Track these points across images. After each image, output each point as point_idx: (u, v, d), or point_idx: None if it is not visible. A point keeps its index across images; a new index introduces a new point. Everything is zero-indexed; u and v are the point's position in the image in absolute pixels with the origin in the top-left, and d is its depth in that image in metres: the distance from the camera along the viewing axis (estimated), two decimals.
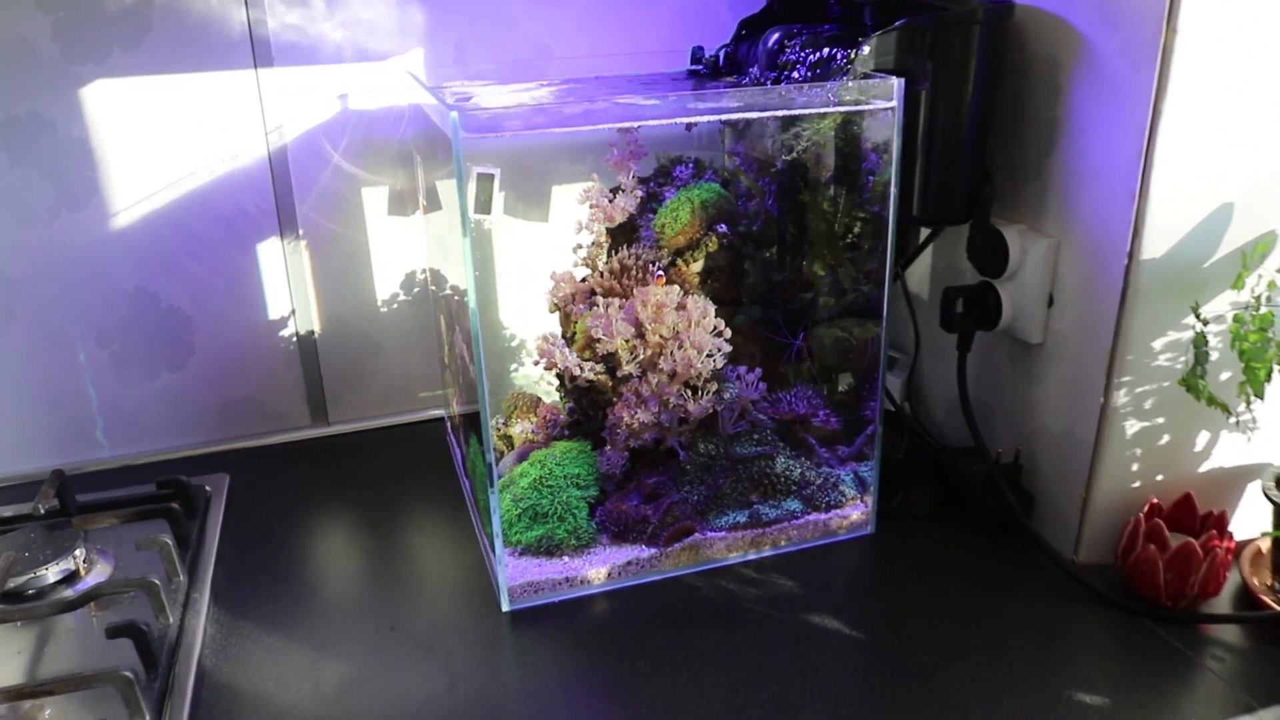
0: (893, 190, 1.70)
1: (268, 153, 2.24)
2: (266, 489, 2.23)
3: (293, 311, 2.45)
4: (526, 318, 2.38)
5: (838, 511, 1.98)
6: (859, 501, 2.00)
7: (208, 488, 2.15)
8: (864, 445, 2.01)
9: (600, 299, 1.92)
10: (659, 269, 1.96)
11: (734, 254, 2.06)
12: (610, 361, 1.93)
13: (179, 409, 2.44)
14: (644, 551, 1.85)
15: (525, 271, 2.27)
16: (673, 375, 1.86)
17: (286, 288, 2.42)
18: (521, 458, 2.06)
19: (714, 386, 1.90)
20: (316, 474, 2.32)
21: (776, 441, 1.95)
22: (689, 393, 1.88)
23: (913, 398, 2.41)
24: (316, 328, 2.49)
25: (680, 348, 1.84)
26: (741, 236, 2.06)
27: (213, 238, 2.31)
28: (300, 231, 2.39)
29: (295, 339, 2.50)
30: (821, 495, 1.98)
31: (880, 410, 1.92)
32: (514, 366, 2.45)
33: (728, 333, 1.88)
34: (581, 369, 1.96)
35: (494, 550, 1.71)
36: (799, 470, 1.97)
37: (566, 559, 1.84)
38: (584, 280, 2.06)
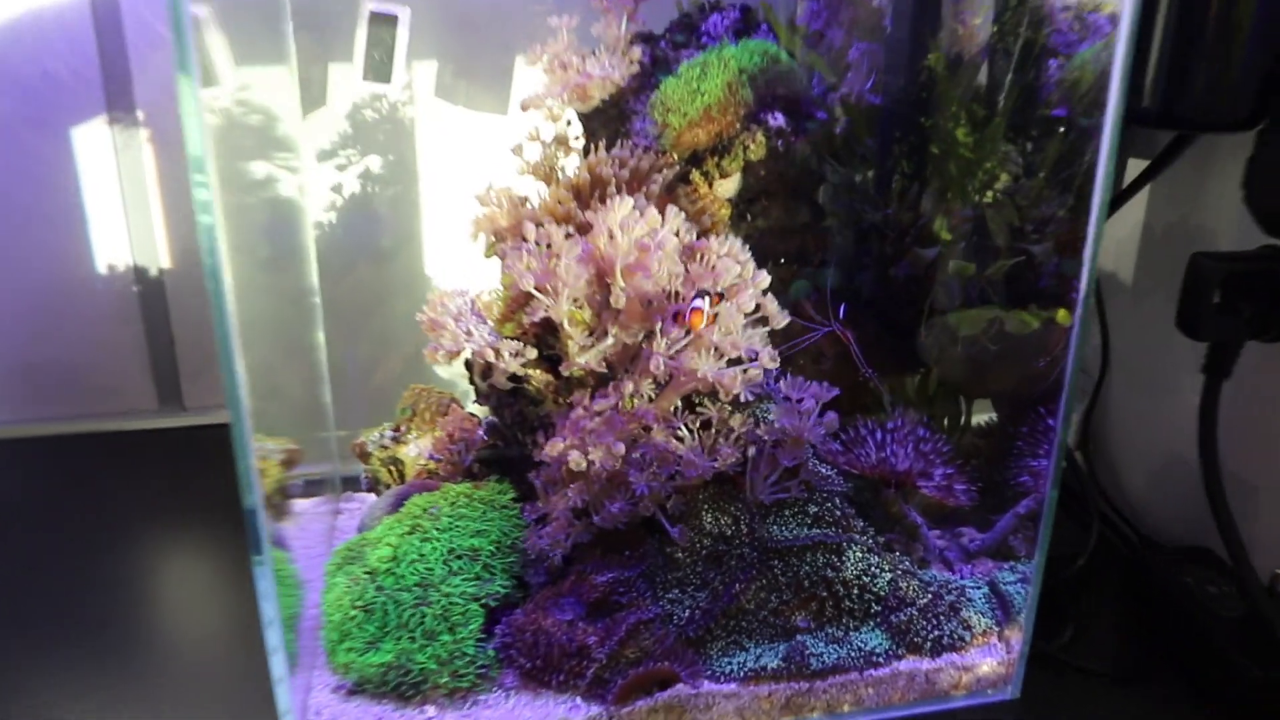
0: (1117, 63, 1.11)
1: None
2: (76, 496, 1.95)
3: (129, 238, 2.08)
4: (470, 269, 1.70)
5: (955, 657, 1.39)
6: (994, 640, 1.42)
7: None
8: (1012, 534, 1.50)
9: (534, 229, 1.33)
10: (655, 185, 1.39)
11: (796, 171, 1.49)
12: (551, 344, 1.38)
13: None
14: (579, 709, 1.28)
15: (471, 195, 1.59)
16: (664, 384, 1.33)
17: (120, 201, 2.06)
18: (400, 502, 1.50)
19: (736, 417, 1.35)
20: (159, 481, 2.00)
21: (849, 519, 1.40)
22: (693, 422, 1.34)
23: (1092, 451, 1.85)
24: (165, 264, 2.11)
25: (682, 334, 1.28)
26: (812, 140, 1.49)
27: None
28: (139, 115, 2.01)
29: (135, 282, 2.11)
30: (928, 624, 1.39)
31: (1056, 471, 1.30)
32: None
33: (777, 315, 1.33)
34: (500, 354, 1.36)
35: (282, 675, 1.17)
36: (887, 575, 1.38)
37: (433, 712, 1.28)
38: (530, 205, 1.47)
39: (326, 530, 1.73)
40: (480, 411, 1.61)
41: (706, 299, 1.25)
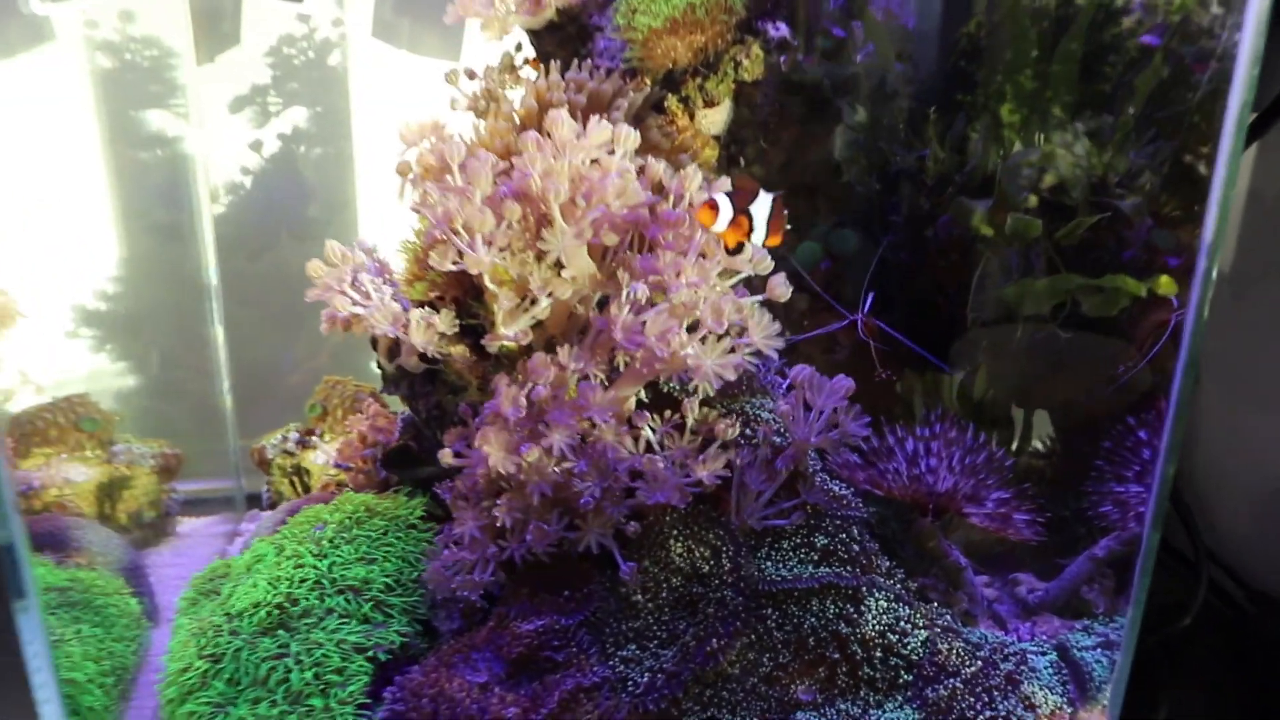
0: None
1: None
2: None
3: None
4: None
5: None
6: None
7: None
8: (1086, 583, 1.26)
9: (455, 152, 1.06)
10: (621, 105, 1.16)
11: (804, 100, 1.22)
12: (475, 311, 1.10)
13: None
14: None
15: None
16: (624, 367, 1.07)
17: None
18: (285, 518, 1.24)
19: (718, 417, 1.12)
20: None
21: (871, 557, 1.16)
22: (660, 421, 1.10)
23: (1189, 486, 1.51)
24: None
25: (644, 297, 1.02)
26: (826, 59, 1.23)
27: None
28: None
29: None
30: (976, 701, 1.11)
31: (1158, 504, 1.00)
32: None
33: (779, 286, 1.07)
34: (405, 324, 1.09)
35: None
36: (921, 633, 1.13)
37: None
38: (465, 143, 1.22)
39: (215, 556, 1.43)
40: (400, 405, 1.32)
41: (728, 200, 0.99)
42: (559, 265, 1.04)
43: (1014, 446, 1.37)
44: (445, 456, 1.05)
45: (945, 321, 1.25)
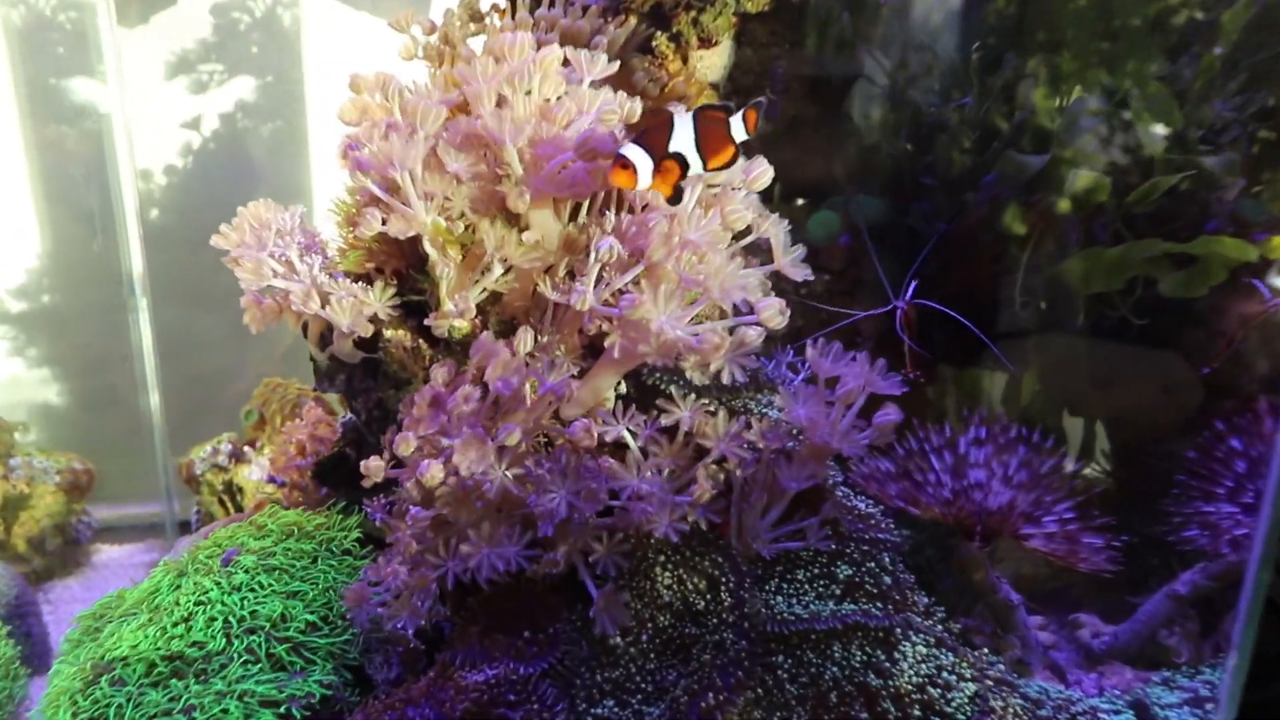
0: None
1: None
2: None
3: None
4: None
5: None
6: None
7: None
8: (1165, 625, 1.09)
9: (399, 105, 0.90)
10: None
11: (822, 40, 1.05)
12: (420, 286, 0.94)
13: None
14: None
15: None
16: (591, 344, 0.91)
17: None
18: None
19: (716, 419, 0.90)
20: None
21: (906, 591, 0.99)
22: (645, 422, 0.90)
23: None
24: None
25: (614, 257, 0.84)
26: None
27: None
28: None
29: None
30: None
31: (1272, 530, 0.78)
32: None
33: (791, 264, 0.88)
34: (332, 302, 0.91)
35: None
36: (969, 686, 0.95)
37: None
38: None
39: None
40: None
41: (640, 150, 0.80)
42: (517, 226, 0.86)
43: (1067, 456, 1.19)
44: (370, 469, 0.86)
45: (989, 305, 1.08)
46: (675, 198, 0.84)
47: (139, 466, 1.50)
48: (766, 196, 0.97)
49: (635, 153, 0.80)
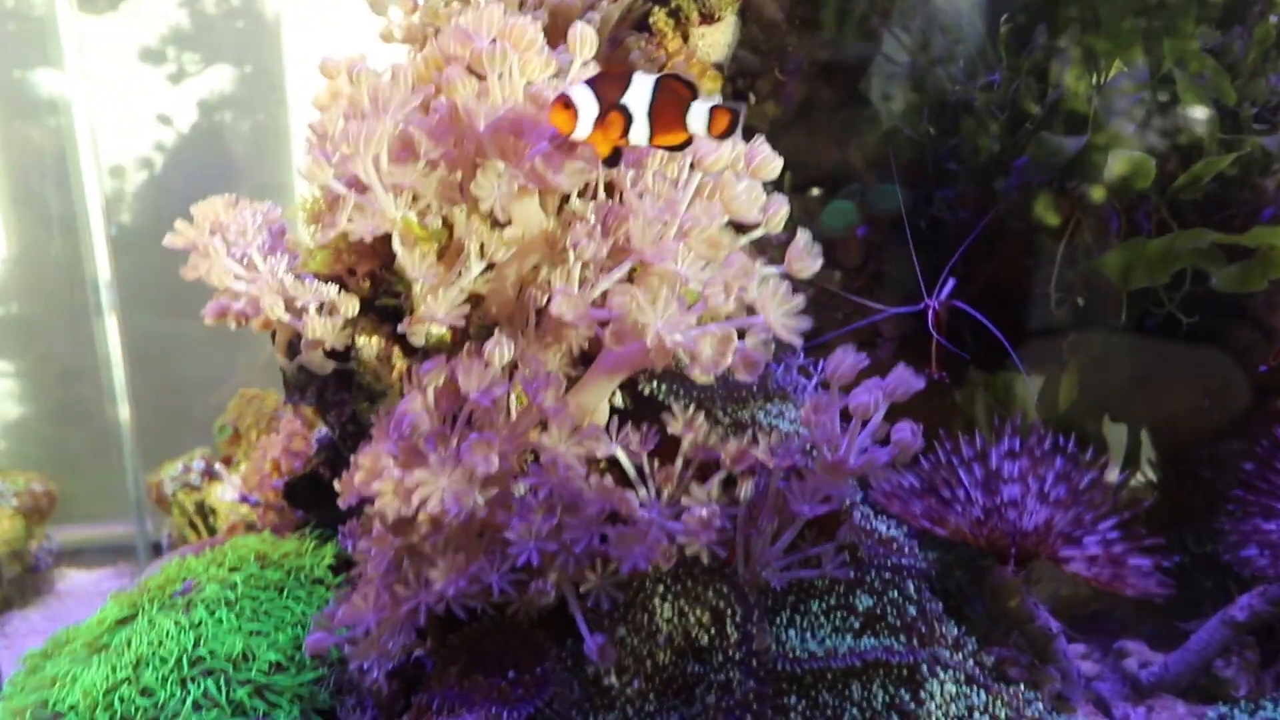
0: None
1: None
2: None
3: None
4: None
5: None
6: None
7: None
8: (1220, 654, 1.01)
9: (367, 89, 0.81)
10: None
11: (829, 6, 0.99)
12: (393, 290, 0.88)
13: None
14: None
15: None
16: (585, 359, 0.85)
17: None
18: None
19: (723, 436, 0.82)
20: None
21: (933, 622, 0.94)
22: (642, 440, 0.81)
23: None
24: None
25: (593, 255, 0.78)
26: None
27: None
28: None
29: None
30: None
31: None
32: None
33: (805, 253, 0.80)
34: (297, 307, 0.86)
35: None
36: None
37: None
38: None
39: None
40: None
41: (589, 92, 0.72)
42: (496, 221, 0.79)
43: (1109, 467, 1.11)
44: (344, 490, 0.79)
45: (1021, 302, 1.00)
46: (612, 159, 0.76)
47: (108, 483, 1.45)
48: (776, 185, 0.90)
49: (582, 94, 0.72)
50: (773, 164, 0.84)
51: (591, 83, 0.74)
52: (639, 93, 0.74)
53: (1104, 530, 0.95)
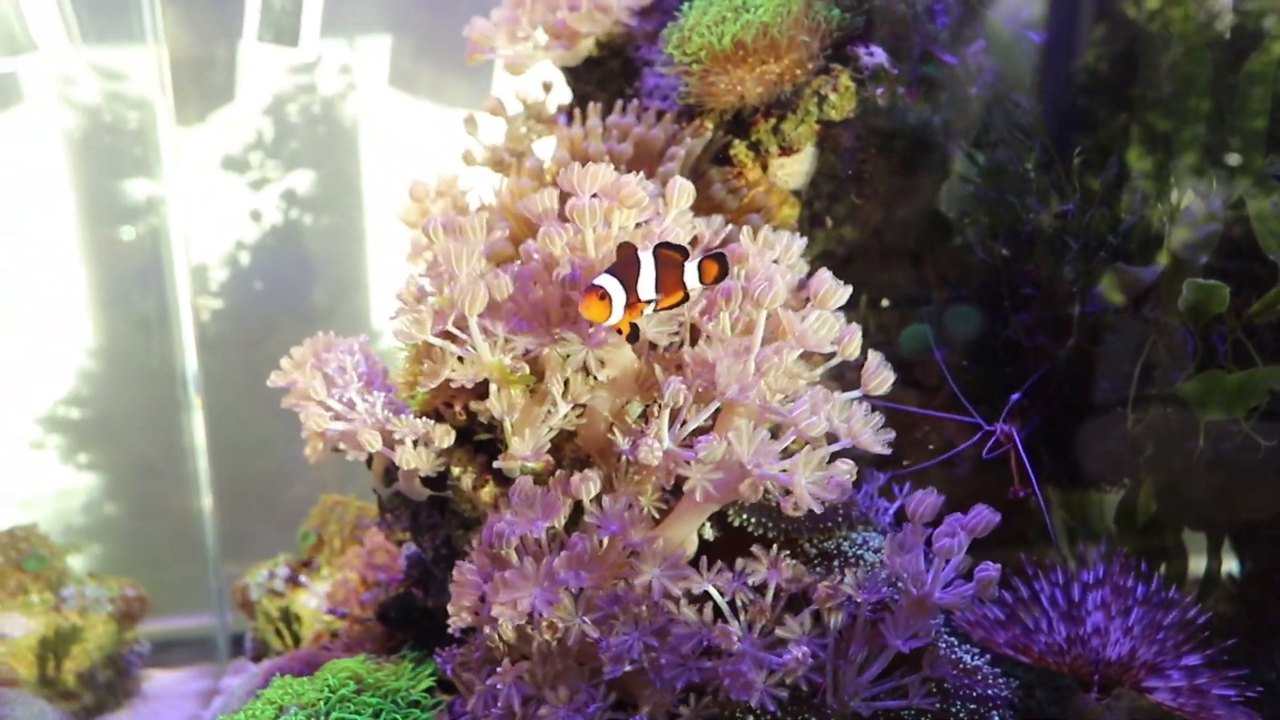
0: None
1: None
2: None
3: None
4: None
5: None
6: None
7: None
8: None
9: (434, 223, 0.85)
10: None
11: (908, 144, 1.03)
12: (489, 424, 0.92)
13: None
14: None
15: None
16: (670, 487, 0.87)
17: None
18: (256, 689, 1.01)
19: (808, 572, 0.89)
20: None
21: None
22: (728, 579, 0.85)
23: None
24: None
25: (680, 400, 0.82)
26: (933, 94, 1.05)
27: None
28: None
29: None
30: None
31: None
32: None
33: (878, 371, 0.86)
34: (394, 442, 0.90)
35: None
36: None
37: None
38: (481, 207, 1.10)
39: None
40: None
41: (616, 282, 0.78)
42: (582, 365, 0.82)
43: (1200, 585, 1.10)
44: (453, 616, 0.82)
45: (1098, 424, 1.01)
46: (632, 336, 0.82)
47: (188, 577, 1.48)
48: (852, 304, 0.93)
49: (612, 285, 0.78)
50: (838, 293, 0.87)
51: (614, 270, 0.79)
52: (647, 271, 0.80)
53: (1189, 658, 0.94)
